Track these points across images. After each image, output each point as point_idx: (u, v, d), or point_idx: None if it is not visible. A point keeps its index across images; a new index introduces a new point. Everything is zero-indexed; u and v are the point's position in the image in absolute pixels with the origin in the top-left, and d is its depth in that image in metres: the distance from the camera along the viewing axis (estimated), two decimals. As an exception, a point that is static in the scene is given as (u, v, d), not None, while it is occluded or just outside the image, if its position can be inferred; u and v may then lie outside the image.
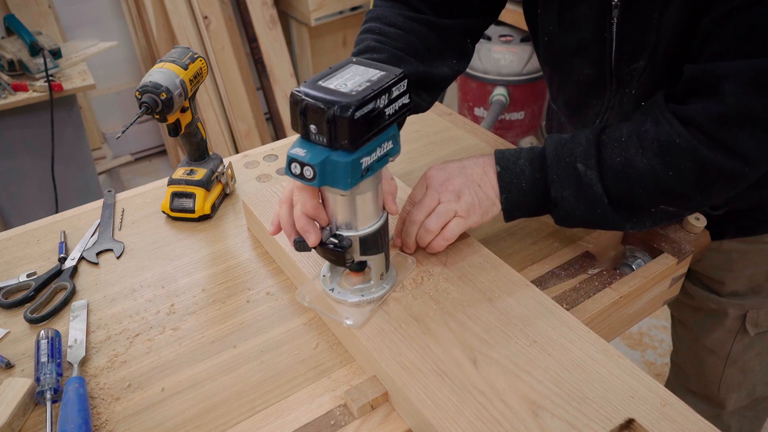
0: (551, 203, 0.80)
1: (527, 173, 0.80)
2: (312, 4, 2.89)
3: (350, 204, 0.68)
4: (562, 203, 0.79)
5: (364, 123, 0.60)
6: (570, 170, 0.78)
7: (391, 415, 0.69)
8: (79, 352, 0.78)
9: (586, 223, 0.81)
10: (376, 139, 0.64)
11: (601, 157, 0.77)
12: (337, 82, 0.62)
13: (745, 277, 1.01)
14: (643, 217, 0.80)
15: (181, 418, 0.70)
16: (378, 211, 0.71)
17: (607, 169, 0.76)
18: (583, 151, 0.77)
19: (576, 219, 0.80)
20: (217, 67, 2.84)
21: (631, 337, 2.16)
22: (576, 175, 0.77)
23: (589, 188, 0.77)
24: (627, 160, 0.75)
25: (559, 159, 0.79)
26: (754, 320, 1.04)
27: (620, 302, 0.84)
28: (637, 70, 0.84)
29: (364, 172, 0.64)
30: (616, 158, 0.76)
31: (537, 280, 0.86)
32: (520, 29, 2.48)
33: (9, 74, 2.04)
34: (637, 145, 0.75)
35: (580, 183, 0.77)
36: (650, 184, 0.75)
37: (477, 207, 0.80)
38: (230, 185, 1.08)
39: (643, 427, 0.61)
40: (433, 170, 0.83)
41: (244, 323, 0.82)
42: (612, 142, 0.77)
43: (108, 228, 1.00)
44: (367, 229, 0.70)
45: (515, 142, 2.73)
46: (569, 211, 0.79)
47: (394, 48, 0.87)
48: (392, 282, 0.78)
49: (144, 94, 0.89)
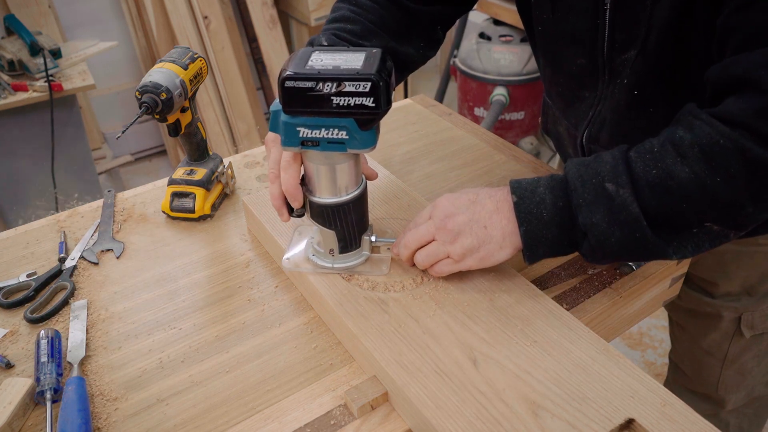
0: (579, 233, 0.70)
1: (548, 201, 0.71)
2: (312, 4, 2.89)
3: (308, 168, 0.76)
4: (592, 231, 0.69)
5: (296, 94, 0.67)
6: (598, 192, 0.68)
7: (391, 415, 0.69)
8: (79, 352, 0.78)
9: (622, 252, 0.70)
10: (319, 118, 0.69)
11: (634, 173, 0.68)
12: (324, 57, 0.69)
13: (739, 278, 1.01)
14: (685, 239, 0.70)
15: (181, 418, 0.70)
16: (331, 190, 0.76)
17: (643, 185, 0.67)
18: (610, 169, 0.69)
19: (610, 248, 0.69)
20: (217, 67, 2.84)
21: (631, 337, 2.16)
22: (606, 196, 0.68)
23: (624, 209, 0.67)
24: (665, 171, 0.66)
25: (583, 181, 0.70)
26: (749, 322, 1.04)
27: (620, 302, 0.84)
28: (628, 60, 0.82)
29: (306, 142, 0.71)
30: (652, 171, 0.67)
31: (537, 280, 0.86)
32: (520, 29, 2.48)
33: (9, 74, 2.04)
34: (673, 154, 0.67)
35: (612, 205, 0.68)
36: (695, 195, 0.66)
37: (475, 251, 0.74)
38: (230, 185, 1.08)
39: (643, 427, 0.61)
40: (443, 200, 0.77)
41: (244, 323, 0.82)
42: (643, 155, 0.68)
43: (108, 228, 1.00)
44: (317, 198, 0.77)
45: (515, 142, 2.73)
46: (602, 239, 0.69)
47: (367, 21, 0.88)
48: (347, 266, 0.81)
49: (144, 94, 0.89)
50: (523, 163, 1.11)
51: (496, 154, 1.14)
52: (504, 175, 1.08)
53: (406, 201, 0.94)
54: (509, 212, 0.73)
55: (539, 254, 0.73)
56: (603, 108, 0.90)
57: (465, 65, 2.62)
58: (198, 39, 2.80)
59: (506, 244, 0.73)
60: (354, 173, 0.76)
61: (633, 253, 0.70)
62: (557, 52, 0.93)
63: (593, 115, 0.92)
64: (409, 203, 0.93)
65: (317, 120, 0.69)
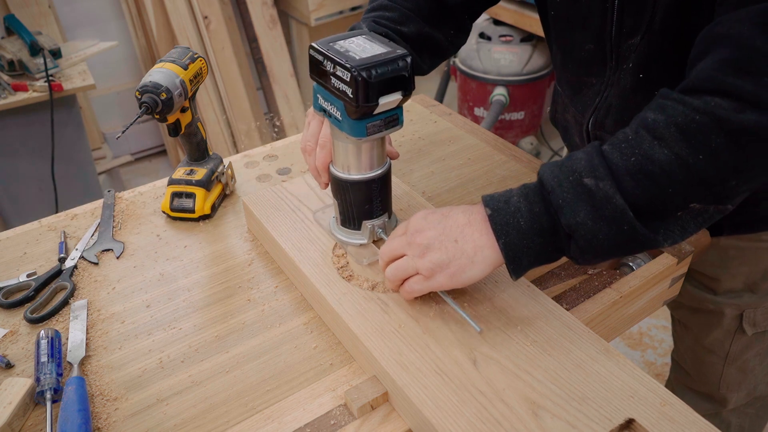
0: (563, 237, 0.68)
1: (523, 209, 0.68)
2: (312, 4, 2.89)
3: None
4: (578, 231, 0.66)
5: (313, 64, 0.75)
6: (577, 189, 0.66)
7: (391, 415, 0.69)
8: (79, 352, 0.78)
9: (612, 249, 0.67)
10: (327, 92, 0.75)
11: (611, 164, 0.65)
12: (356, 42, 0.75)
13: (742, 275, 1.01)
14: (671, 224, 0.68)
15: (181, 418, 0.70)
16: (339, 163, 0.80)
17: (623, 174, 0.65)
18: (586, 164, 0.66)
19: (599, 246, 0.66)
20: (217, 67, 2.84)
21: (631, 337, 2.16)
22: (586, 193, 0.65)
23: (608, 203, 0.64)
24: (644, 157, 0.64)
25: (560, 181, 0.67)
26: (752, 320, 1.04)
27: (620, 302, 0.84)
28: (634, 45, 0.83)
29: (323, 110, 0.77)
30: (630, 159, 0.65)
31: (537, 280, 0.86)
32: (520, 29, 2.48)
33: (9, 74, 2.04)
34: (649, 138, 0.64)
35: (594, 200, 0.65)
36: (680, 176, 0.63)
37: (445, 267, 0.70)
38: (230, 185, 1.08)
39: (643, 427, 0.61)
40: (416, 215, 0.75)
41: (244, 323, 0.82)
42: (618, 146, 0.66)
43: (108, 228, 1.00)
44: (330, 165, 0.82)
45: (515, 142, 2.73)
46: (589, 238, 0.66)
47: (403, 7, 0.94)
48: (341, 239, 0.86)
49: (144, 94, 0.89)
50: (523, 163, 1.11)
51: (496, 154, 1.14)
52: (504, 175, 1.08)
53: (407, 202, 0.94)
54: (482, 224, 0.70)
55: (524, 265, 0.70)
56: (609, 94, 0.91)
57: (465, 65, 2.62)
58: (198, 39, 2.80)
59: (478, 259, 0.70)
60: (356, 157, 0.78)
61: (622, 248, 0.67)
62: (568, 38, 0.94)
63: (600, 101, 0.93)
64: (409, 203, 0.93)
65: (326, 93, 0.75)
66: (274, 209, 0.93)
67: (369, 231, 0.84)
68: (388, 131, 0.75)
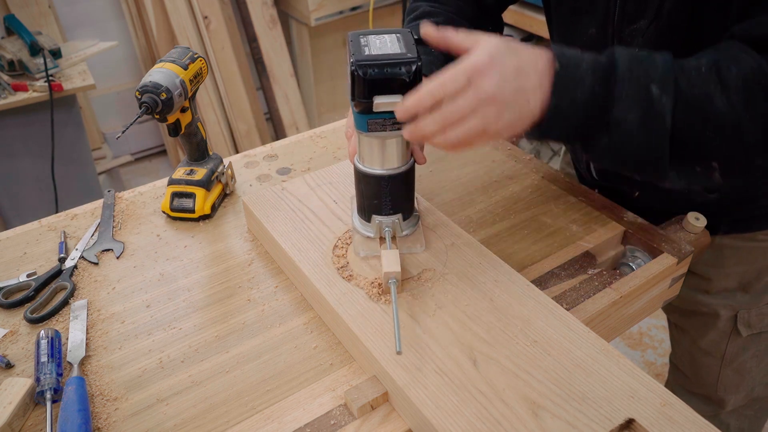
0: (603, 126, 0.67)
1: (587, 83, 0.66)
2: (312, 4, 2.89)
3: None
4: (621, 127, 0.66)
5: (348, 53, 0.74)
6: (643, 92, 0.65)
7: (391, 415, 0.69)
8: (79, 352, 0.78)
9: (632, 159, 0.68)
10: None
11: (679, 85, 0.65)
12: (388, 38, 0.75)
13: (736, 274, 1.01)
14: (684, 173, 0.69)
15: (181, 418, 0.70)
16: (359, 152, 0.80)
17: (684, 101, 0.65)
18: (661, 73, 0.65)
19: (626, 151, 0.67)
20: (217, 67, 2.85)
21: (631, 337, 2.16)
22: (648, 99, 0.65)
23: (659, 117, 0.64)
24: (706, 95, 0.64)
25: (632, 75, 0.66)
26: (746, 321, 1.04)
27: (620, 302, 0.84)
28: (638, 31, 0.82)
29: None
30: (694, 90, 0.65)
31: (537, 280, 0.86)
32: (521, 29, 2.48)
33: (9, 74, 2.04)
34: (716, 80, 0.64)
35: (651, 109, 0.64)
36: (725, 128, 0.64)
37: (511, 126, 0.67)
38: (230, 185, 1.08)
39: (643, 427, 0.61)
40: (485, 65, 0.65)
41: (244, 323, 0.82)
42: (689, 72, 0.65)
43: (108, 228, 1.00)
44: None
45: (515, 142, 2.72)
46: (626, 139, 0.66)
47: (448, 12, 0.97)
48: (355, 227, 0.86)
49: (144, 94, 0.89)
50: (523, 163, 1.11)
51: (496, 154, 1.14)
52: (504, 175, 1.08)
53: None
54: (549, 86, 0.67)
55: (551, 134, 0.68)
56: None
57: (465, 65, 2.62)
58: (198, 39, 2.80)
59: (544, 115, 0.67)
60: (366, 150, 0.78)
61: (640, 164, 0.68)
62: (570, 24, 0.94)
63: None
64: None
65: None
66: (274, 209, 0.93)
67: (377, 226, 0.83)
68: (392, 132, 0.74)
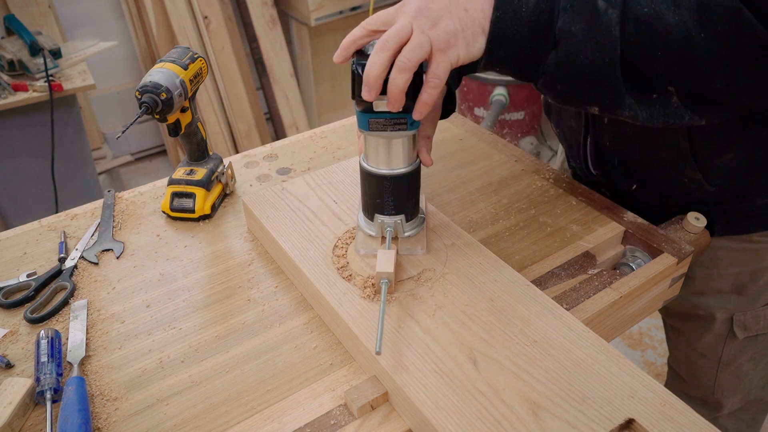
0: (550, 41, 0.66)
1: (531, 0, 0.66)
2: (312, 4, 2.89)
3: None
4: (566, 40, 0.65)
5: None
6: (588, 4, 0.65)
7: (391, 415, 0.69)
8: (79, 352, 0.78)
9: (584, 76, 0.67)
10: None
11: (627, 2, 0.65)
12: None
13: (731, 275, 1.01)
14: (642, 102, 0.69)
15: (181, 418, 0.70)
16: (363, 152, 0.80)
17: (632, 16, 0.65)
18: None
19: (576, 66, 0.66)
20: (217, 67, 2.85)
21: (631, 337, 2.16)
22: (593, 11, 0.65)
23: (605, 29, 0.64)
24: (656, 12, 0.64)
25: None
26: (742, 324, 1.04)
27: (620, 302, 0.84)
28: None
29: None
30: (644, 8, 0.65)
31: (537, 280, 0.86)
32: None
33: (9, 74, 2.04)
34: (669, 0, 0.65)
35: (596, 20, 0.64)
36: (675, 45, 0.64)
37: (460, 35, 0.66)
38: (230, 185, 1.08)
39: (643, 427, 0.61)
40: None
41: (244, 323, 0.82)
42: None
43: (108, 228, 1.00)
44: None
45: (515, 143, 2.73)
46: (572, 52, 0.65)
47: None
48: (359, 224, 0.85)
49: (144, 94, 0.89)
50: (523, 163, 1.11)
51: (496, 154, 1.14)
52: (504, 175, 1.08)
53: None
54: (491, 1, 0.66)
55: (499, 55, 0.67)
56: None
57: (465, 65, 2.62)
58: (198, 39, 2.80)
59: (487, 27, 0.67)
60: (369, 148, 0.78)
61: (593, 84, 0.67)
62: None
63: None
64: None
65: None
66: (274, 209, 0.93)
67: (378, 225, 0.83)
68: (394, 132, 0.74)
